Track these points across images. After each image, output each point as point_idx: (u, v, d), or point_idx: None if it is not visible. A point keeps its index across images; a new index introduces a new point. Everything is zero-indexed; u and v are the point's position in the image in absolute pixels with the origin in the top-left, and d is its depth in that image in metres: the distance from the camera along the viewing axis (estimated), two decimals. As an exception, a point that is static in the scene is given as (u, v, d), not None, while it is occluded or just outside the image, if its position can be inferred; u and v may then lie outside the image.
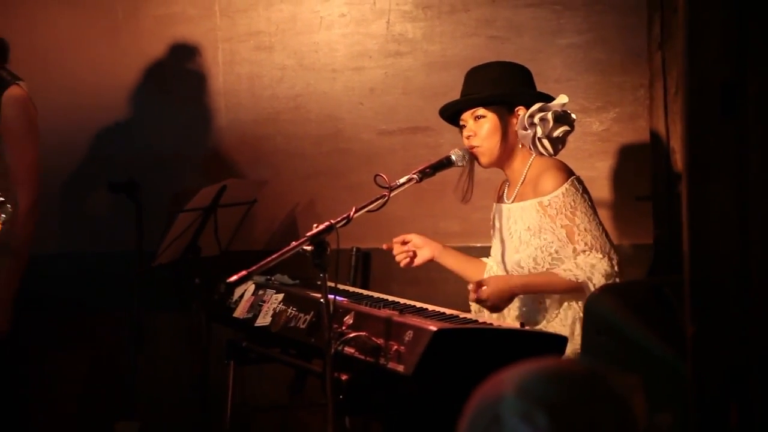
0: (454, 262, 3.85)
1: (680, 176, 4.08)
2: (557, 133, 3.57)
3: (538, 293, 3.50)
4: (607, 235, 3.46)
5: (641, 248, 4.31)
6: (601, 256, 3.40)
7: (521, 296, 3.51)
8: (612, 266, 3.39)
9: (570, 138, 4.05)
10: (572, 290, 3.40)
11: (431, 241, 3.81)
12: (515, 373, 1.42)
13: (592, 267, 3.38)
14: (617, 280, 3.40)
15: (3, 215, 3.43)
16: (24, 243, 4.05)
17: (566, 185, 3.47)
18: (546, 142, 3.56)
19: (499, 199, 3.77)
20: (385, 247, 3.81)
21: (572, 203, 3.45)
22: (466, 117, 3.64)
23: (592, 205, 3.50)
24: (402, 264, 3.80)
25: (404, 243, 3.81)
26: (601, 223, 3.48)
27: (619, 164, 4.39)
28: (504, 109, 3.60)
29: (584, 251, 3.42)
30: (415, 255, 3.80)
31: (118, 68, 5.10)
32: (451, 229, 4.60)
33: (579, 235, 3.43)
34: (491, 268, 3.81)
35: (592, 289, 3.34)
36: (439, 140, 4.51)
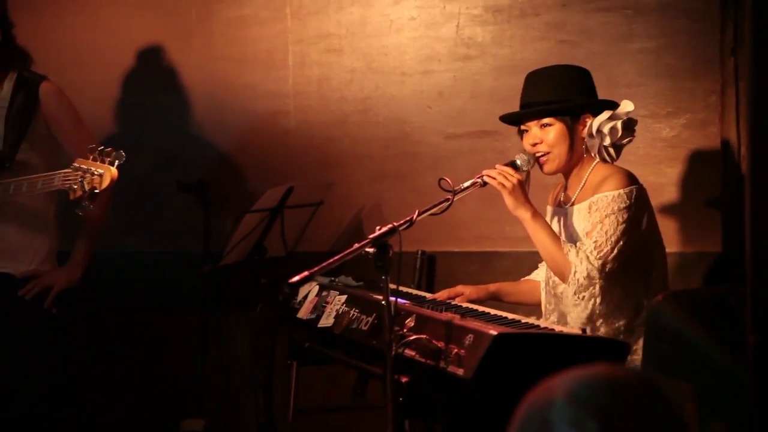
0: (505, 295, 3.88)
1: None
2: (625, 141, 3.55)
3: (533, 233, 3.49)
4: (619, 250, 3.39)
5: (709, 256, 4.25)
6: (597, 256, 3.37)
7: (586, 303, 3.47)
8: (598, 272, 3.38)
9: (639, 144, 4.04)
10: (559, 260, 3.42)
11: (478, 286, 3.82)
12: (566, 378, 1.41)
13: (583, 259, 3.38)
14: (597, 285, 3.40)
15: (117, 161, 3.54)
16: (105, 210, 4.17)
17: (621, 191, 3.44)
18: (612, 150, 3.55)
19: (557, 204, 3.75)
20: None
21: (615, 208, 3.41)
22: (531, 124, 3.62)
23: (632, 219, 3.43)
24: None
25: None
26: (624, 240, 3.40)
27: (688, 171, 4.34)
28: (570, 117, 3.57)
29: (584, 250, 3.40)
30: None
31: (189, 70, 5.16)
32: (517, 234, 4.55)
33: (597, 232, 3.41)
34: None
35: (571, 276, 3.39)
36: (506, 144, 4.49)
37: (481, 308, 3.39)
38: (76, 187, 3.59)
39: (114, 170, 3.57)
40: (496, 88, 4.63)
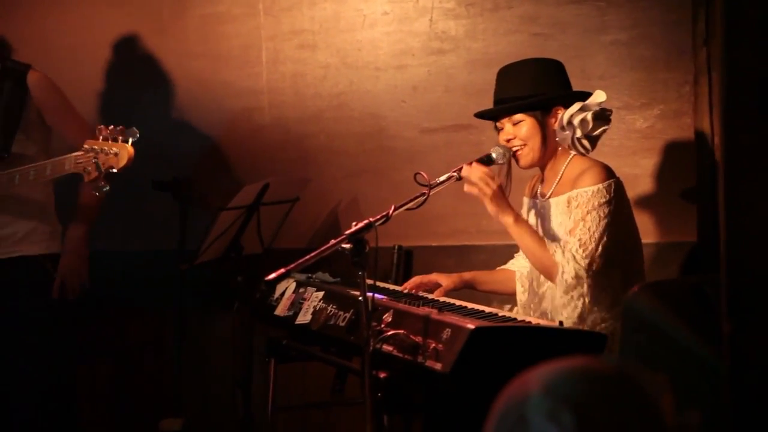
0: (480, 284, 3.89)
1: (724, 174, 4.04)
2: (597, 132, 3.55)
3: (517, 237, 3.48)
4: (604, 246, 3.39)
5: (683, 246, 4.27)
6: (583, 255, 3.37)
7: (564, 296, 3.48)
8: (585, 271, 3.37)
9: (614, 135, 4.03)
10: (547, 265, 3.40)
11: (452, 275, 3.81)
12: (542, 372, 1.41)
13: (570, 259, 3.38)
14: (585, 283, 3.38)
15: (130, 137, 3.51)
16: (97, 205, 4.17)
17: (600, 186, 3.44)
18: (585, 141, 3.55)
19: (533, 195, 3.75)
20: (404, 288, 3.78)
21: (595, 204, 3.41)
22: (504, 121, 3.63)
23: (612, 213, 3.43)
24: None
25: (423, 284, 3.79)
26: (607, 234, 3.40)
27: (663, 161, 4.35)
28: (541, 111, 3.58)
29: (570, 250, 3.40)
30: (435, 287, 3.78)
31: (163, 67, 5.13)
32: (493, 227, 4.55)
33: (580, 230, 3.41)
34: (523, 274, 3.81)
35: (559, 276, 3.38)
36: (481, 137, 4.48)
37: (458, 302, 3.39)
38: (90, 168, 3.56)
39: (130, 148, 3.56)
40: (470, 82, 4.63)
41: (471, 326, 2.89)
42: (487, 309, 3.29)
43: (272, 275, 2.96)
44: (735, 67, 1.86)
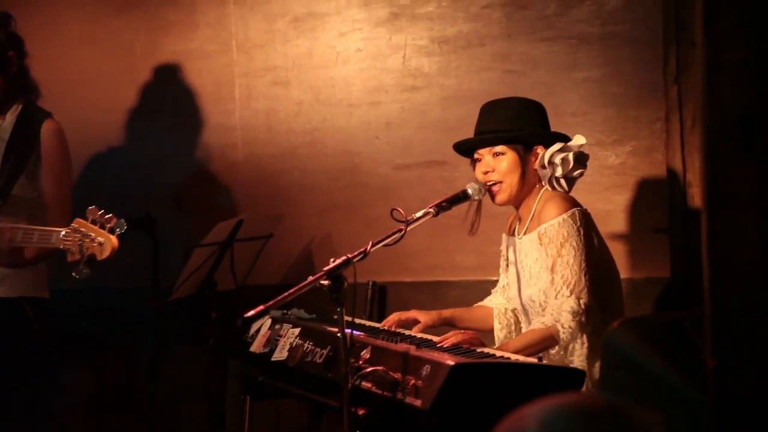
0: (459, 321, 3.85)
1: (697, 210, 4.08)
2: (576, 173, 3.59)
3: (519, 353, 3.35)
4: (587, 274, 3.41)
5: (657, 282, 4.30)
6: (568, 294, 3.38)
7: None
8: (579, 305, 3.36)
9: (587, 171, 4.05)
10: (548, 338, 3.37)
11: (431, 312, 3.80)
12: (537, 408, 1.41)
13: (559, 308, 3.37)
14: (583, 318, 3.36)
15: (118, 229, 3.51)
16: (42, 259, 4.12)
17: (565, 215, 3.46)
18: (563, 181, 3.58)
19: (511, 232, 3.77)
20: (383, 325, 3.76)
21: (565, 234, 3.43)
22: (484, 152, 3.63)
23: (586, 242, 3.45)
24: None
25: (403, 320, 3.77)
26: (586, 261, 3.42)
27: (635, 197, 4.38)
28: (523, 147, 3.60)
29: (555, 296, 3.41)
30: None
31: (135, 104, 5.13)
32: (467, 263, 4.59)
33: (560, 266, 3.42)
34: (501, 311, 3.82)
35: (561, 330, 3.34)
36: (454, 174, 4.51)
37: (435, 338, 3.39)
38: (74, 250, 3.56)
39: (115, 240, 3.56)
40: (443, 119, 4.66)
41: (450, 362, 2.88)
42: (465, 345, 3.29)
43: (251, 312, 2.95)
44: (716, 105, 1.88)
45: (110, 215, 3.58)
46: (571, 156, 3.56)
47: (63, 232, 3.59)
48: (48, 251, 3.92)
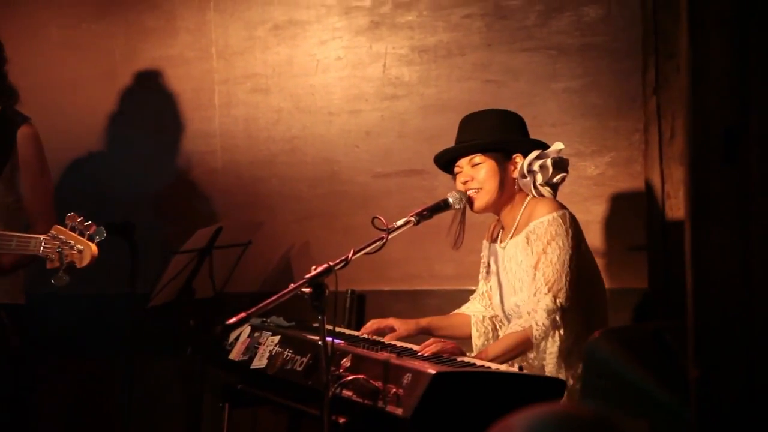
0: (436, 330, 3.86)
1: (675, 221, 4.10)
2: (557, 179, 3.61)
3: (499, 359, 3.37)
4: (568, 276, 3.44)
5: (634, 293, 4.31)
6: (546, 291, 3.41)
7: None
8: (554, 303, 3.39)
9: (565, 182, 4.07)
10: (525, 341, 3.39)
11: (408, 320, 3.81)
12: (524, 417, 1.42)
13: (535, 305, 3.41)
14: (557, 317, 3.39)
15: (97, 237, 3.49)
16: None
17: (555, 214, 3.49)
18: (546, 189, 3.60)
19: (493, 240, 3.78)
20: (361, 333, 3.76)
21: (553, 233, 3.46)
22: (463, 163, 3.66)
23: (572, 243, 3.49)
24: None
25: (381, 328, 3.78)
26: (570, 262, 3.45)
27: (614, 208, 4.40)
28: (501, 155, 3.63)
29: (534, 293, 3.43)
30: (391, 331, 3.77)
31: (114, 109, 5.12)
32: (446, 272, 4.60)
33: (543, 263, 3.45)
34: (478, 319, 3.83)
35: (535, 327, 3.37)
36: (434, 183, 4.51)
37: (416, 347, 3.39)
38: (53, 257, 3.54)
39: (95, 248, 3.55)
40: (423, 127, 4.67)
41: (432, 371, 2.89)
42: (445, 354, 3.29)
43: (233, 319, 2.94)
44: (699, 117, 1.90)
45: (89, 222, 3.56)
46: (549, 162, 3.58)
47: (42, 239, 3.57)
48: (27, 259, 3.90)
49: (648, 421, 1.51)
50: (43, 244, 3.57)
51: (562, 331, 3.41)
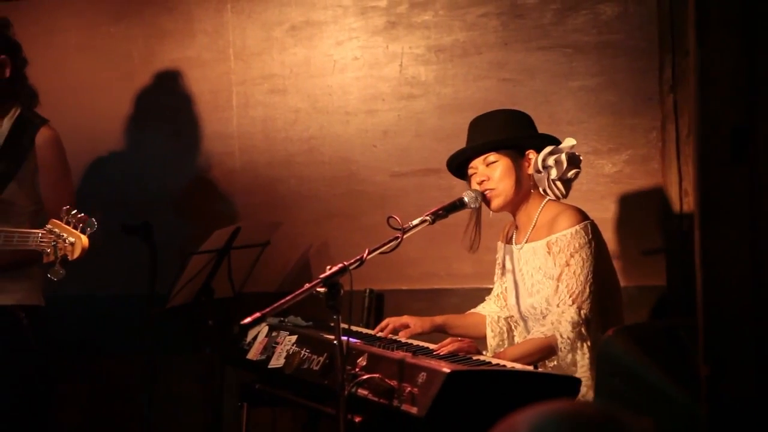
0: (451, 328, 3.87)
1: (692, 219, 4.10)
2: (570, 174, 3.60)
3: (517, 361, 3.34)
4: (591, 286, 3.45)
5: (652, 290, 4.31)
6: (570, 303, 3.41)
7: None
8: (579, 315, 3.40)
9: (582, 180, 4.08)
10: (547, 348, 3.40)
11: (423, 318, 3.81)
12: (529, 415, 1.43)
13: (559, 317, 3.41)
14: (583, 329, 3.40)
15: (89, 228, 3.52)
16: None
17: (578, 227, 3.50)
18: (560, 184, 3.60)
19: (508, 241, 3.79)
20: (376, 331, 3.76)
21: (576, 246, 3.47)
22: (477, 164, 3.66)
23: (594, 253, 3.49)
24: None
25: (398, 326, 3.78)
26: (593, 273, 3.46)
27: (631, 206, 4.40)
28: (515, 152, 3.63)
29: (557, 305, 3.43)
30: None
31: (133, 111, 5.14)
32: (464, 271, 4.61)
33: (566, 275, 3.45)
34: (493, 319, 3.84)
35: (560, 339, 3.38)
36: (451, 182, 4.50)
37: (432, 346, 3.40)
38: (49, 251, 3.56)
39: (85, 239, 3.56)
40: (440, 127, 4.68)
41: (446, 370, 2.90)
42: (461, 353, 3.30)
43: (248, 319, 2.96)
44: (708, 117, 1.90)
45: (82, 215, 3.58)
46: (563, 157, 3.58)
47: (39, 234, 3.60)
48: (26, 257, 3.91)
49: (652, 420, 1.51)
50: (39, 238, 3.60)
51: (589, 342, 3.41)
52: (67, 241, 3.55)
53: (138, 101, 5.15)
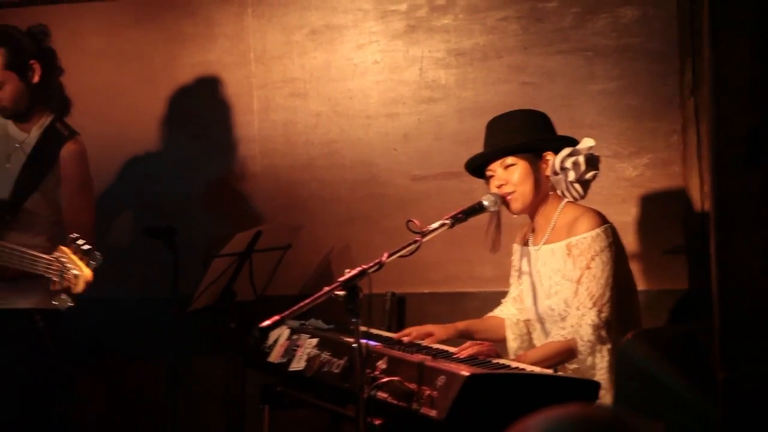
0: (475, 333, 3.85)
1: (713, 221, 4.09)
2: (588, 176, 3.59)
3: (537, 365, 3.35)
4: (611, 289, 3.45)
5: (673, 294, 4.31)
6: (590, 306, 3.41)
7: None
8: (599, 318, 3.40)
9: (603, 183, 4.08)
10: (567, 351, 3.40)
11: (447, 325, 3.80)
12: (539, 419, 1.44)
13: (579, 320, 3.41)
14: (603, 332, 3.39)
15: (93, 262, 3.53)
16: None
17: (598, 230, 3.50)
18: (578, 186, 3.59)
19: (524, 243, 3.78)
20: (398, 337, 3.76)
21: (597, 249, 3.47)
22: (495, 167, 3.66)
23: (613, 257, 3.49)
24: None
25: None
26: (613, 276, 3.47)
27: (652, 209, 4.40)
28: (533, 155, 3.62)
29: (577, 307, 3.43)
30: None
31: (155, 115, 5.17)
32: (485, 274, 4.61)
33: (586, 278, 3.45)
34: (512, 321, 3.84)
35: (581, 342, 3.38)
36: (472, 185, 4.50)
37: (452, 349, 3.41)
38: (56, 279, 3.59)
39: (88, 273, 3.57)
40: (460, 130, 4.69)
41: (465, 373, 2.91)
42: (481, 356, 3.31)
43: (267, 322, 2.98)
44: (723, 120, 1.90)
45: (89, 246, 3.58)
46: (581, 159, 3.57)
47: (48, 260, 3.61)
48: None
49: (663, 424, 1.52)
50: (48, 264, 3.62)
51: (609, 345, 3.41)
52: (71, 271, 3.57)
53: (159, 105, 5.17)
